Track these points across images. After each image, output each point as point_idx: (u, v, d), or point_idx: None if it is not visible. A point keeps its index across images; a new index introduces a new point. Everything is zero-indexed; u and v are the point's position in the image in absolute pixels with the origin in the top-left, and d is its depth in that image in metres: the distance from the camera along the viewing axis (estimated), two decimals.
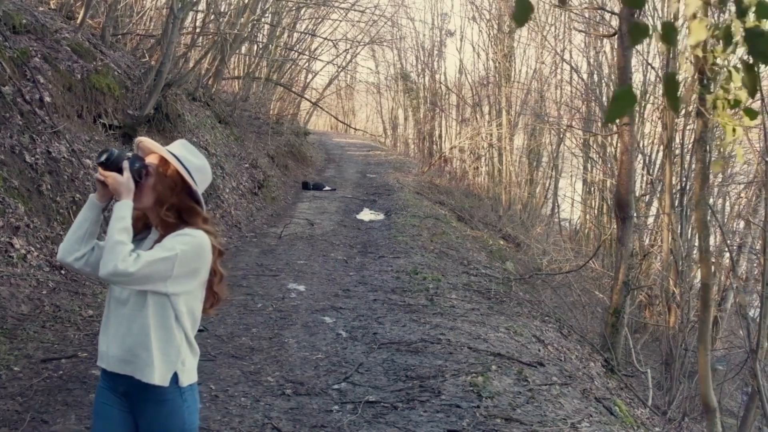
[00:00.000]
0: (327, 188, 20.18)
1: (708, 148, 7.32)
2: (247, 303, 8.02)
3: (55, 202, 8.31)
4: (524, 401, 5.55)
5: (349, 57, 28.50)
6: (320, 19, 25.01)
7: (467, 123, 29.24)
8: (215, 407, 5.14)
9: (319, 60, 26.75)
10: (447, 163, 27.77)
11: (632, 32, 1.62)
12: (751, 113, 2.26)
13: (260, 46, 21.75)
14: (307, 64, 27.60)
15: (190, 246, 2.66)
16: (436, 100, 31.50)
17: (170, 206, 2.75)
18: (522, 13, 1.58)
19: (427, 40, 33.58)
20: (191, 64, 15.39)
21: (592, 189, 23.70)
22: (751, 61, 1.59)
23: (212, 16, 15.53)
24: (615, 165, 16.08)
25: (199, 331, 6.64)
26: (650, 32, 1.60)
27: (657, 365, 13.54)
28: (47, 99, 9.17)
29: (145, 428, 2.80)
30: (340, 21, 25.30)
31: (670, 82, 1.63)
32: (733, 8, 1.63)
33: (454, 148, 27.62)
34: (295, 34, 24.59)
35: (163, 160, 2.80)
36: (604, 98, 19.51)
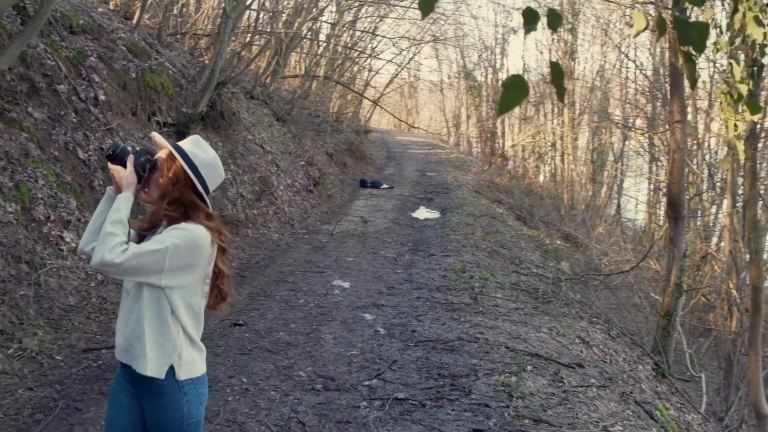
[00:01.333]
0: (384, 186, 20.20)
1: (757, 144, 7.05)
2: (290, 299, 8.08)
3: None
4: (557, 402, 5.44)
5: (410, 56, 28.38)
6: (380, 18, 25.03)
7: (529, 121, 28.89)
8: (244, 400, 5.19)
9: (380, 58, 26.79)
10: (507, 161, 27.49)
11: (525, 17, 1.59)
12: (754, 108, 2.16)
13: (320, 45, 21.92)
14: (367, 63, 27.70)
15: (183, 240, 2.67)
16: (498, 97, 31.18)
17: (172, 200, 2.78)
18: (427, 3, 1.55)
19: (489, 38, 33.33)
20: (248, 63, 15.55)
21: (657, 189, 23.14)
22: (690, 51, 1.53)
23: (268, 16, 15.69)
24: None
25: (238, 325, 6.79)
26: (539, 18, 1.57)
27: (716, 370, 13.15)
28: (102, 97, 9.41)
29: (148, 417, 2.85)
30: (400, 19, 25.29)
31: (555, 70, 1.58)
32: None
33: (514, 147, 27.31)
34: (356, 33, 24.67)
35: (171, 155, 2.84)
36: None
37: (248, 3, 13.30)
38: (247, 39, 15.76)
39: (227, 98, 13.14)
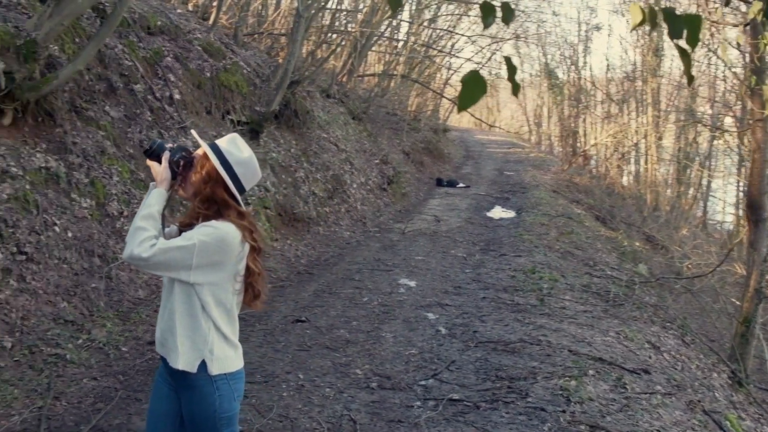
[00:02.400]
0: (461, 185, 20.08)
1: None
2: (354, 296, 8.11)
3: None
4: (617, 409, 5.28)
5: (489, 54, 28.09)
6: (460, 16, 24.86)
7: (611, 120, 28.20)
8: (299, 396, 5.23)
9: (458, 57, 26.62)
10: (588, 161, 26.92)
11: (482, 10, 1.53)
12: None
13: (398, 44, 21.94)
14: (446, 61, 27.57)
15: (210, 237, 2.69)
16: (581, 96, 30.56)
17: (204, 198, 2.81)
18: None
19: (572, 35, 32.71)
20: (321, 62, 15.68)
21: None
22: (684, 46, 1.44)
23: (343, 15, 15.79)
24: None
25: (300, 321, 6.84)
26: (495, 11, 1.51)
27: None
28: (176, 96, 9.65)
29: (183, 409, 2.89)
30: (480, 17, 24.99)
31: (508, 65, 1.51)
32: None
33: (595, 146, 26.71)
34: (434, 31, 24.58)
35: (206, 154, 2.88)
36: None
37: (322, 3, 13.41)
38: (322, 38, 15.87)
39: (301, 97, 13.28)
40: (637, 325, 7.95)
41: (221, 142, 2.88)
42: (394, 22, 21.21)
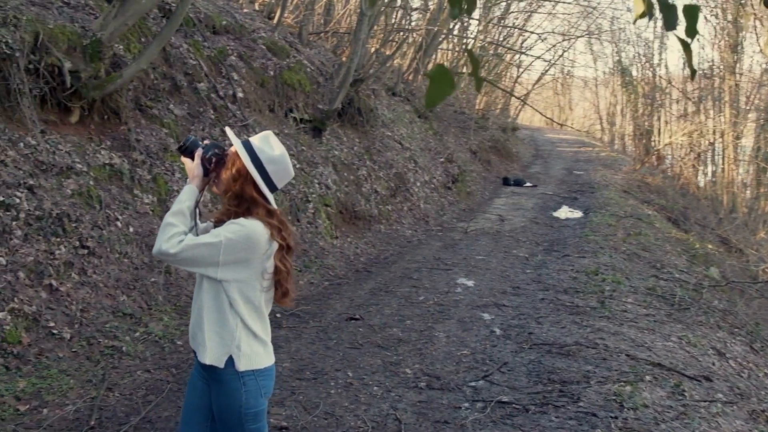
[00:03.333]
0: (528, 184, 19.83)
1: None
2: (410, 295, 8.08)
3: None
4: (673, 417, 5.11)
5: (560, 51, 27.66)
6: (530, 13, 24.56)
7: (687, 118, 27.39)
8: (346, 394, 5.23)
9: (528, 55, 26.28)
10: (661, 160, 26.21)
11: (450, 2, 1.46)
12: None
13: (466, 41, 21.79)
14: (516, 60, 27.26)
15: (237, 235, 2.70)
16: (655, 94, 29.78)
17: (233, 195, 2.82)
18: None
19: (647, 32, 31.93)
20: (385, 60, 15.68)
21: None
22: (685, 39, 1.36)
23: (407, 13, 15.75)
24: None
25: (354, 319, 6.85)
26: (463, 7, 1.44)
27: None
28: (240, 94, 9.78)
29: (212, 402, 2.91)
30: (550, 14, 24.69)
31: (471, 59, 1.43)
32: None
33: (669, 145, 25.99)
34: (504, 29, 24.33)
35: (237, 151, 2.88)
36: None
37: (386, 1, 13.40)
38: (388, 37, 15.87)
39: (365, 95, 13.31)
40: (702, 330, 7.69)
41: (254, 140, 2.88)
42: (464, 21, 21.04)
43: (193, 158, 2.91)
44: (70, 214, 6.47)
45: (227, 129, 3.02)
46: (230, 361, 2.79)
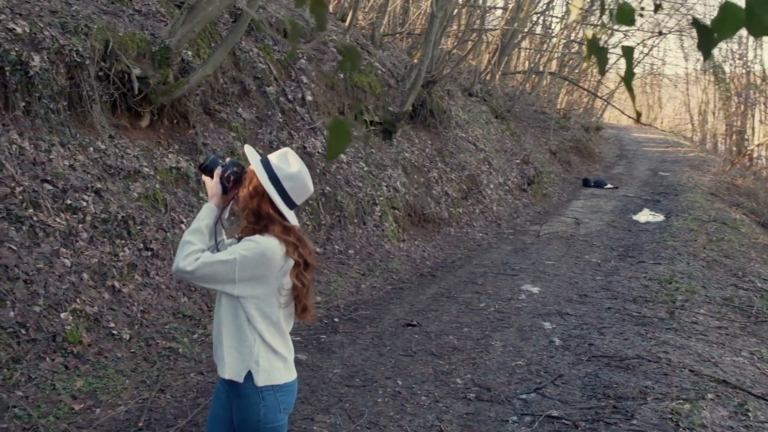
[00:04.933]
0: (609, 186, 19.37)
1: None
2: (472, 301, 7.99)
3: None
4: None
5: (647, 49, 26.86)
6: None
7: None
8: (393, 403, 5.21)
9: (613, 53, 25.52)
10: (753, 161, 25.17)
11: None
12: None
13: (548, 40, 21.42)
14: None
15: (251, 252, 2.71)
16: (749, 92, 28.63)
17: (250, 212, 2.84)
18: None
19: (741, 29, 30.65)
20: (458, 61, 15.55)
21: None
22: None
23: (478, 14, 15.58)
24: None
25: (411, 325, 6.83)
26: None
27: None
28: (309, 97, 9.87)
29: (233, 415, 2.95)
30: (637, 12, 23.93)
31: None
32: None
33: (762, 145, 24.94)
34: (587, 27, 23.77)
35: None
36: None
37: (460, 2, 13.30)
38: (463, 37, 15.74)
39: (438, 96, 13.24)
40: None
41: (272, 157, 2.89)
42: (547, 19, 20.69)
43: (213, 177, 2.94)
44: (135, 216, 6.66)
45: (246, 147, 3.04)
46: (249, 376, 2.81)
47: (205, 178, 2.99)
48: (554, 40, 20.73)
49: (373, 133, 11.06)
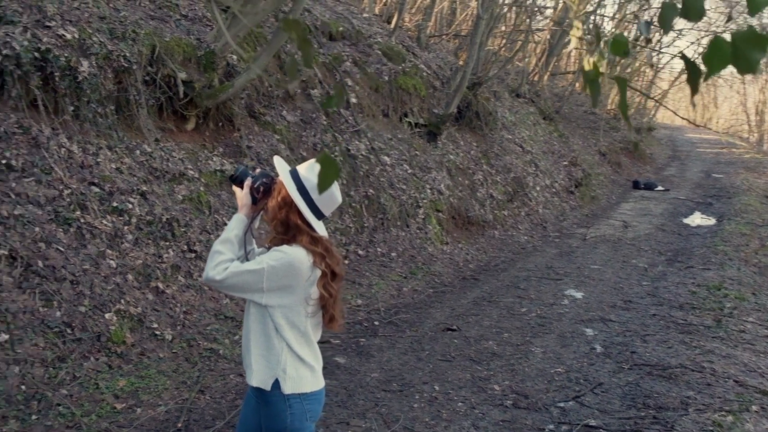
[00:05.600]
0: (659, 188, 19.03)
1: None
2: (513, 306, 7.94)
3: (348, 196, 8.97)
4: None
5: (702, 48, 26.28)
6: None
7: None
8: (429, 409, 5.21)
9: (665, 53, 25.12)
10: None
11: None
12: None
13: (593, 41, 21.13)
14: (655, 58, 26.16)
15: (278, 262, 2.74)
16: None
17: (278, 222, 2.88)
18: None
19: None
20: (504, 63, 15.45)
21: None
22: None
23: (526, 15, 15.44)
24: None
25: (451, 330, 6.82)
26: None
27: None
28: (353, 100, 9.92)
29: (261, 422, 2.99)
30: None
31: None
32: None
33: None
34: (636, 26, 23.41)
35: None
36: None
37: (502, 2, 13.21)
38: (510, 39, 15.63)
39: (484, 98, 13.18)
40: None
41: (300, 168, 2.92)
42: (597, 18, 20.42)
43: (243, 187, 2.99)
44: (179, 219, 6.78)
45: (275, 158, 3.07)
46: (276, 383, 2.85)
47: (236, 189, 3.04)
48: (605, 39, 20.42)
49: (418, 135, 11.06)
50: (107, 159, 6.56)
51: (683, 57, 1.31)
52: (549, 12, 18.13)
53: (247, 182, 2.98)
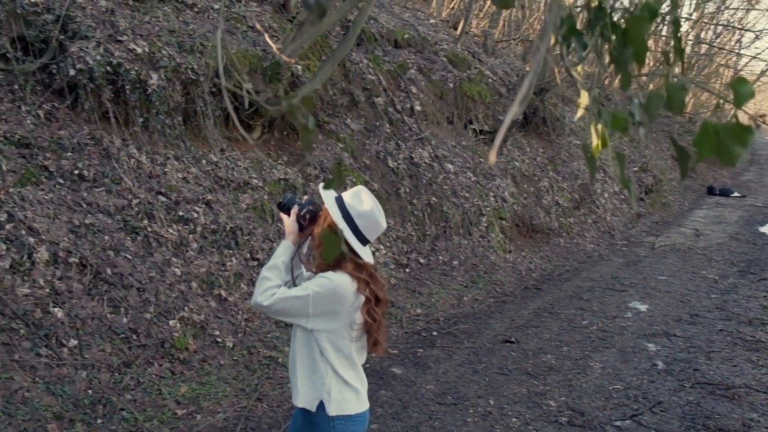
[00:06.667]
0: (735, 194, 18.51)
1: None
2: (574, 318, 7.86)
3: (411, 204, 9.02)
4: None
5: None
6: (747, 10, 22.82)
7: None
8: (482, 423, 5.22)
9: (743, 54, 24.34)
10: None
11: None
12: None
13: (670, 42, 20.67)
14: (734, 60, 25.45)
15: (323, 288, 2.82)
16: None
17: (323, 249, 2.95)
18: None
19: None
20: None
21: None
22: None
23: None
24: None
25: (510, 342, 6.80)
26: None
27: None
28: (417, 107, 9.96)
29: None
30: None
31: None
32: None
33: None
34: (716, 27, 22.80)
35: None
36: None
37: (571, 4, 13.02)
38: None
39: (551, 104, 13.05)
40: None
41: (345, 196, 2.98)
42: (669, 20, 19.96)
43: (290, 215, 3.08)
44: (243, 227, 6.94)
45: (321, 186, 3.14)
46: (321, 405, 2.92)
47: (283, 216, 3.13)
48: (683, 40, 19.95)
49: (483, 142, 11.03)
50: (174, 169, 6.77)
51: (672, 141, 1.33)
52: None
53: (294, 209, 3.06)
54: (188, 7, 7.84)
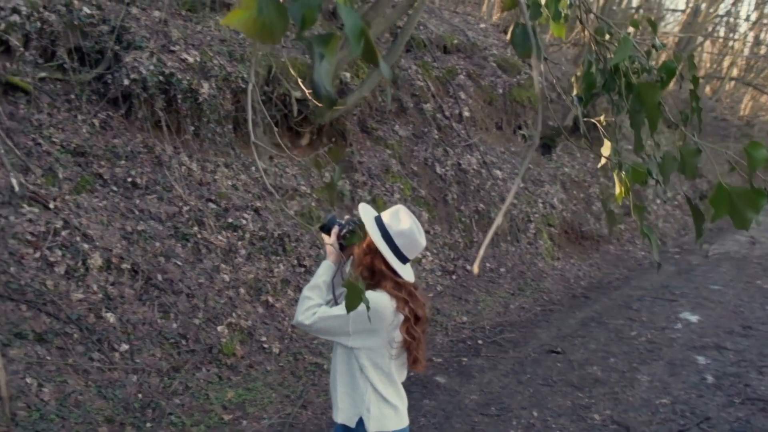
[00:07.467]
0: None
1: None
2: (622, 329, 7.76)
3: (458, 210, 9.02)
4: None
5: None
6: None
7: None
8: None
9: None
10: None
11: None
12: None
13: (732, 44, 20.26)
14: None
15: (363, 307, 2.85)
16: None
17: (364, 268, 2.98)
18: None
19: None
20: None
21: None
22: None
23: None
24: None
25: (555, 353, 6.77)
26: None
27: None
28: (466, 113, 9.95)
29: None
30: None
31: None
32: None
33: None
34: None
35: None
36: None
37: (625, 5, 12.86)
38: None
39: (602, 108, 12.88)
40: None
41: (384, 215, 3.01)
42: (730, 20, 19.59)
43: (331, 235, 3.13)
44: (290, 234, 7.03)
45: (360, 206, 3.18)
46: (360, 421, 2.96)
47: (324, 237, 3.17)
48: (737, 43, 19.55)
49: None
50: (224, 176, 6.90)
51: (687, 200, 1.33)
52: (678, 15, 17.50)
53: (335, 230, 3.11)
54: None
